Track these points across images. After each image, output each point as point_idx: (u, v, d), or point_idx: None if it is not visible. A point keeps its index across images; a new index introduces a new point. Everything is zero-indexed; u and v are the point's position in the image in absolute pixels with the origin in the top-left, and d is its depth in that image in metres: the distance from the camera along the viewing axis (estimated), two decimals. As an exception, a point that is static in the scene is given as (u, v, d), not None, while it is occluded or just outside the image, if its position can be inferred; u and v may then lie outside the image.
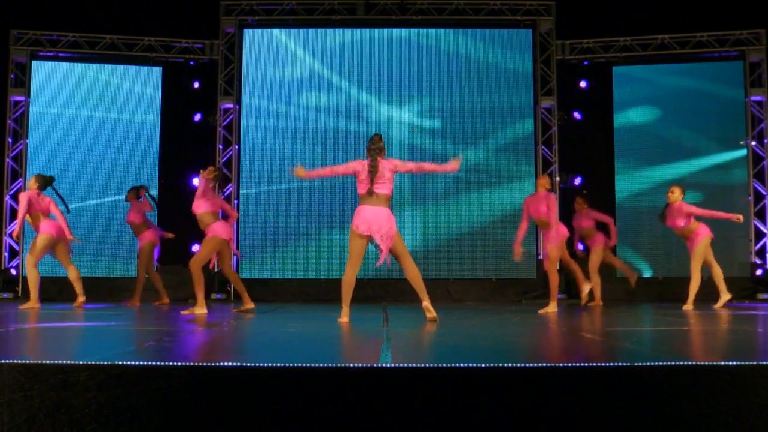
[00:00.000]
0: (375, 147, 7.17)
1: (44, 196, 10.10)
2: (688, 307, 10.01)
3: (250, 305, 9.38)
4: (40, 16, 14.12)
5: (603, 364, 3.43)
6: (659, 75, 14.43)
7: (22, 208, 9.84)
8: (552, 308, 9.32)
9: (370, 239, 7.08)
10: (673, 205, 10.36)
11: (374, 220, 6.99)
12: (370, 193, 7.06)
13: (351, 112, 14.30)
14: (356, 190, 7.21)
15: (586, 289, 10.43)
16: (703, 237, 10.28)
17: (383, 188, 7.09)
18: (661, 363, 3.43)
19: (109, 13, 14.18)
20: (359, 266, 7.15)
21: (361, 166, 7.15)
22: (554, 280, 9.61)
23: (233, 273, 9.84)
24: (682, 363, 3.53)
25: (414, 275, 7.15)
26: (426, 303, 7.04)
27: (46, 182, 10.11)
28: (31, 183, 10.13)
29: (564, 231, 9.91)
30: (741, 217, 10.24)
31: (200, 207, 9.01)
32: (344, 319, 7.03)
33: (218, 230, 9.04)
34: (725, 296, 10.37)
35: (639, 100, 14.38)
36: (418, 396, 3.24)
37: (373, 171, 7.07)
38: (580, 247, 11.88)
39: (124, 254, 13.70)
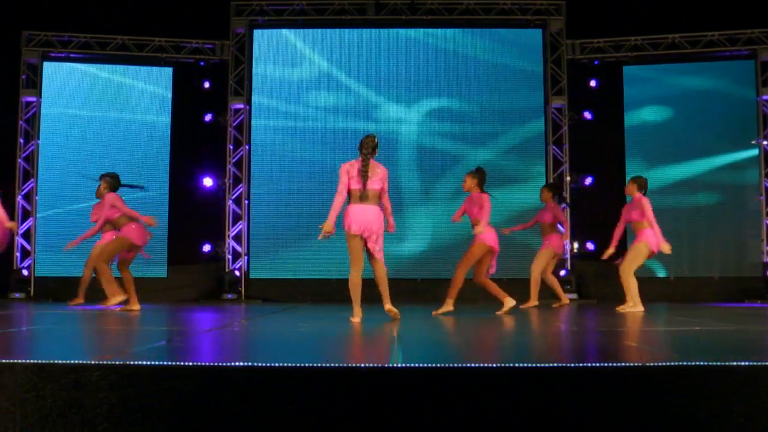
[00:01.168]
0: (368, 147, 7.19)
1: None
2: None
3: (136, 306, 9.25)
4: (52, 18, 14.16)
5: (614, 365, 3.42)
6: (670, 74, 14.37)
7: (118, 209, 9.24)
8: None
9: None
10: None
11: (365, 219, 7.07)
12: (363, 191, 7.12)
13: (361, 112, 14.30)
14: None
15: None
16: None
17: (374, 185, 7.12)
18: (672, 363, 3.42)
19: (120, 14, 14.21)
20: (362, 265, 7.19)
21: (350, 166, 7.20)
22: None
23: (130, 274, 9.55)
24: (692, 363, 3.52)
25: (381, 276, 7.26)
26: (388, 306, 7.19)
27: (117, 182, 9.47)
28: (104, 186, 9.56)
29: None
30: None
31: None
32: (356, 319, 7.08)
33: (131, 233, 9.03)
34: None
35: (650, 100, 14.33)
36: (429, 396, 3.24)
37: (365, 171, 7.13)
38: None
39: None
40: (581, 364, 3.38)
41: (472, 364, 3.31)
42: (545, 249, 11.07)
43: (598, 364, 3.40)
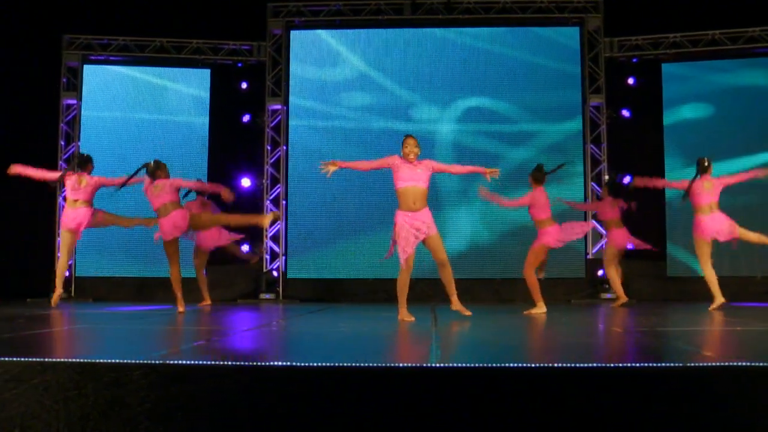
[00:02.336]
0: (409, 149, 7.36)
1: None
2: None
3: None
4: (91, 21, 14.31)
5: (655, 365, 3.39)
6: (710, 71, 14.21)
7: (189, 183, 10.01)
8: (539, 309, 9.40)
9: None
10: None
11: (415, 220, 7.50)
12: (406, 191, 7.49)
13: (397, 111, 14.29)
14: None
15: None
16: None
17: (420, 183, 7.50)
18: (707, 364, 3.38)
19: (158, 16, 14.33)
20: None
21: (398, 163, 7.39)
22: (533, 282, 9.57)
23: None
24: (729, 364, 3.48)
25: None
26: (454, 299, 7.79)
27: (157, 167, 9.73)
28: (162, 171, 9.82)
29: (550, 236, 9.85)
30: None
31: None
32: (404, 317, 7.39)
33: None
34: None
35: (689, 98, 14.17)
36: (468, 396, 3.23)
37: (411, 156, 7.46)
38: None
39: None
40: (619, 365, 3.35)
41: (511, 365, 3.30)
42: (610, 246, 11.36)
43: (637, 365, 3.37)
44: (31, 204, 13.44)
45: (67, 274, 13.76)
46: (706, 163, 9.98)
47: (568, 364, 3.33)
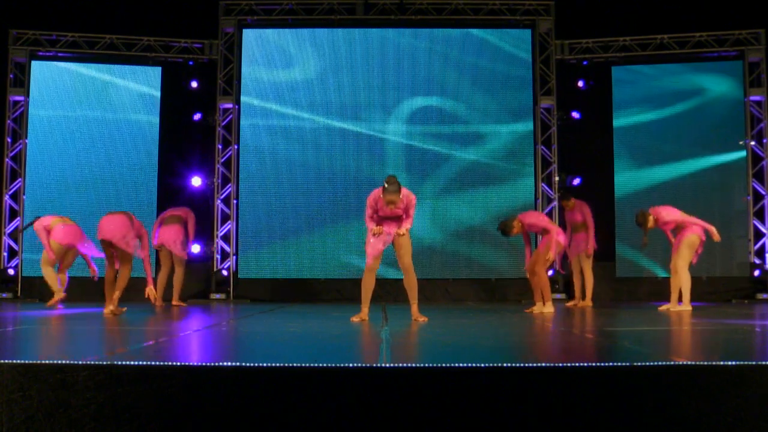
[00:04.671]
0: (391, 188, 7.48)
1: None
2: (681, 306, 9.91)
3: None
4: (40, 16, 14.10)
5: (602, 364, 3.43)
6: (658, 75, 14.41)
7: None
8: (548, 308, 9.36)
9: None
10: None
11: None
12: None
13: (348, 111, 14.27)
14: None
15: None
16: None
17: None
18: (660, 363, 3.43)
19: (109, 12, 14.16)
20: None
21: (378, 197, 7.58)
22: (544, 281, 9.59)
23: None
24: (680, 363, 3.53)
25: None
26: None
27: None
28: None
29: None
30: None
31: None
32: (363, 317, 7.55)
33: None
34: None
35: (638, 100, 14.35)
36: (418, 396, 3.24)
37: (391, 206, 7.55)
38: None
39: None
40: (570, 364, 3.38)
41: (461, 364, 3.31)
42: (575, 249, 11.54)
43: (587, 364, 3.40)
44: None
45: (12, 273, 13.60)
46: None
47: (516, 364, 3.35)
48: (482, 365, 3.33)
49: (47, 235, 10.54)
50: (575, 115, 14.29)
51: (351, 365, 3.37)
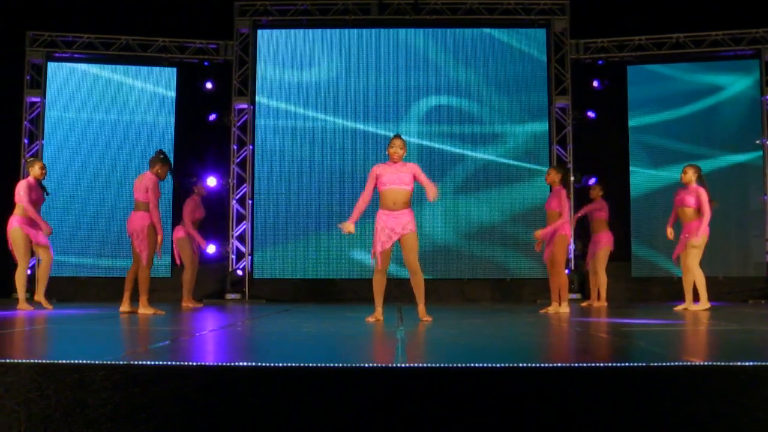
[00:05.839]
0: (396, 141, 7.35)
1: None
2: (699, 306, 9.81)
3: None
4: (56, 18, 14.17)
5: (618, 364, 3.42)
6: (674, 74, 14.36)
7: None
8: (563, 308, 9.25)
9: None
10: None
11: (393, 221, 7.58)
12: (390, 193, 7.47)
13: (362, 112, 14.29)
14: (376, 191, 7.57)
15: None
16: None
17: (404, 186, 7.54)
18: (675, 363, 3.42)
19: (124, 14, 14.23)
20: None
21: (380, 170, 7.35)
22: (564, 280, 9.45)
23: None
24: (696, 363, 3.52)
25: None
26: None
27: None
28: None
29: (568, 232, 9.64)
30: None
31: None
32: (377, 317, 7.43)
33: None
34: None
35: (653, 100, 14.31)
36: (433, 396, 3.24)
37: (396, 155, 7.45)
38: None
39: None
40: (585, 364, 3.38)
41: (476, 365, 3.31)
42: (606, 248, 11.38)
43: (601, 365, 3.40)
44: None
45: (28, 273, 13.65)
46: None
47: (531, 365, 3.34)
48: (498, 365, 3.33)
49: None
50: (591, 114, 14.26)
51: (366, 365, 3.37)
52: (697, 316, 8.34)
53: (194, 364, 3.41)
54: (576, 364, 3.36)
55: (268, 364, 3.35)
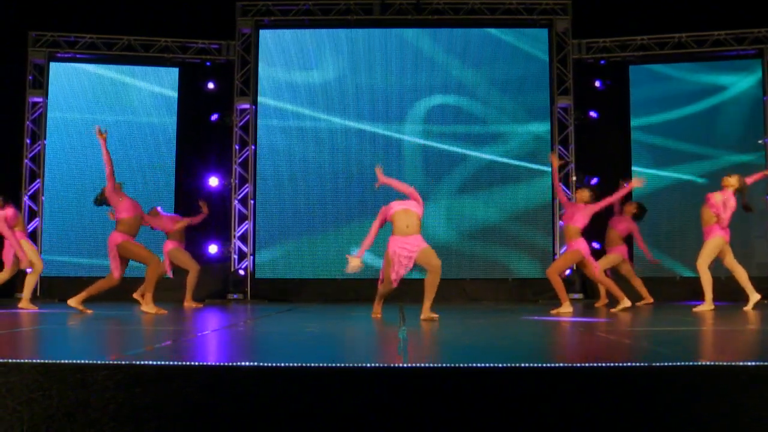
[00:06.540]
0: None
1: None
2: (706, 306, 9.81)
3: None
4: (58, 18, 14.17)
5: (621, 364, 3.41)
6: (676, 74, 14.35)
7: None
8: (566, 308, 9.24)
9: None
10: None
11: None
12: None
13: (364, 112, 14.29)
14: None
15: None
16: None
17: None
18: (679, 363, 3.41)
19: (126, 14, 14.23)
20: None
21: (390, 205, 7.97)
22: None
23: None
24: (699, 363, 3.51)
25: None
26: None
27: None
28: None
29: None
30: None
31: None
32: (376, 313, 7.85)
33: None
34: (754, 297, 9.95)
35: (656, 100, 14.29)
36: (435, 396, 3.24)
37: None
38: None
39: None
40: (588, 364, 3.37)
41: (478, 365, 3.31)
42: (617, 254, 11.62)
43: (604, 365, 3.39)
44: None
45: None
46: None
47: (533, 365, 3.34)
48: (500, 365, 3.33)
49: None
50: (593, 114, 14.25)
51: (369, 365, 3.37)
52: (700, 316, 8.33)
53: (196, 364, 3.41)
54: (577, 365, 3.36)
55: (270, 364, 3.35)
